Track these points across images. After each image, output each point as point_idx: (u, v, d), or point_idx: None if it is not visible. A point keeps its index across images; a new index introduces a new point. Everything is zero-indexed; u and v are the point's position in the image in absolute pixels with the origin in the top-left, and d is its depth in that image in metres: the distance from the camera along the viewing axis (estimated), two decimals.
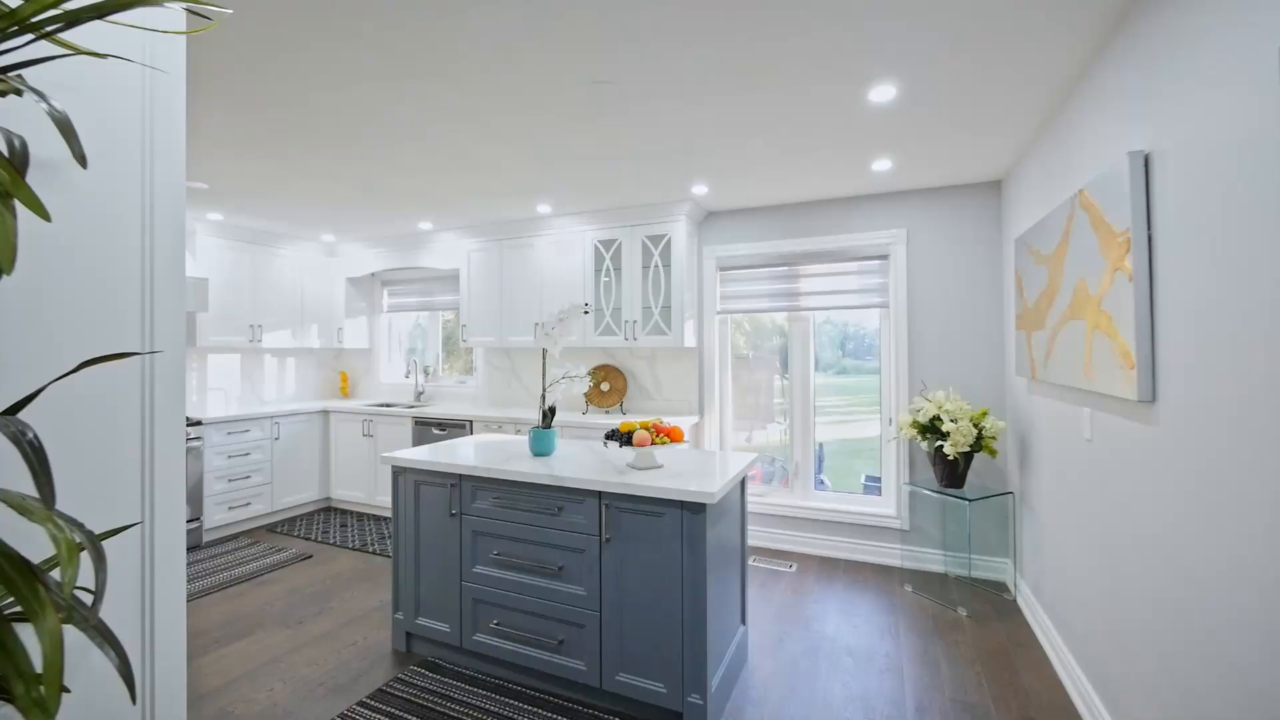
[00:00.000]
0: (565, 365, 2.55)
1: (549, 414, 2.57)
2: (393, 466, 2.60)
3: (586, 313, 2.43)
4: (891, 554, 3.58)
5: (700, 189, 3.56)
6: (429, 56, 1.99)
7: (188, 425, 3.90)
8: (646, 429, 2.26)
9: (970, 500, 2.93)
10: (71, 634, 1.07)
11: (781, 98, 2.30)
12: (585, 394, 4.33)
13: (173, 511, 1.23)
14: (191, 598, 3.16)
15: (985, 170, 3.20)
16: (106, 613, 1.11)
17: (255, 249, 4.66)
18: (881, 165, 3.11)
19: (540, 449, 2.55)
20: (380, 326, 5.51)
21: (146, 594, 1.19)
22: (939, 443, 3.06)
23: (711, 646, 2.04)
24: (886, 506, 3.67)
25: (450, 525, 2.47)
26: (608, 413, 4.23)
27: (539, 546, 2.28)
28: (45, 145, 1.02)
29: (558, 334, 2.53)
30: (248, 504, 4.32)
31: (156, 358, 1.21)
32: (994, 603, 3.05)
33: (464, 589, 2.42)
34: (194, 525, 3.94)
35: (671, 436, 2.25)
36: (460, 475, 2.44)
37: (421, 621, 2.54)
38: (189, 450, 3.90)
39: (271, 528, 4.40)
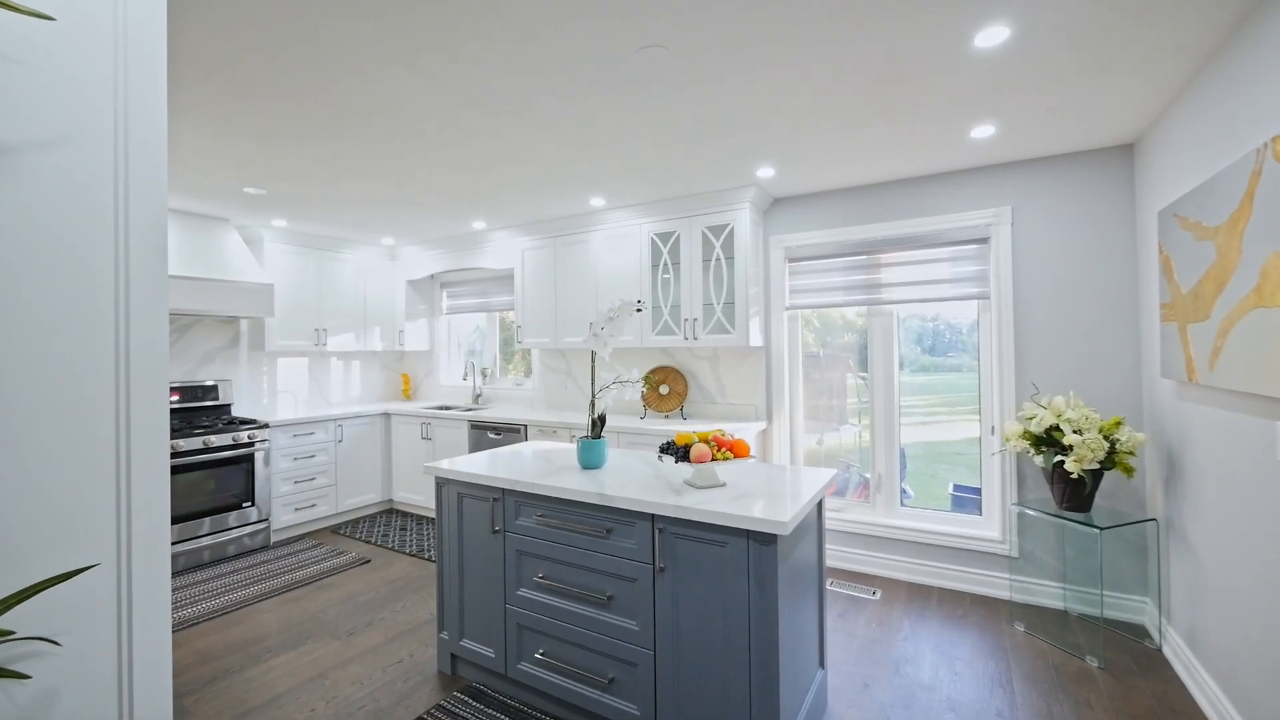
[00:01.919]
0: (616, 368, 2.30)
1: (598, 423, 2.33)
2: (436, 477, 2.45)
3: (639, 310, 2.17)
4: (996, 584, 3.09)
5: (766, 172, 3.21)
6: (458, 31, 1.79)
7: (255, 428, 3.98)
8: (706, 442, 1.97)
9: (1102, 529, 2.43)
10: (41, 683, 0.93)
11: (864, 54, 1.94)
12: (643, 397, 4.09)
13: (153, 546, 1.07)
14: (251, 601, 3.17)
15: (1114, 131, 2.67)
16: (67, 665, 0.95)
17: (319, 254, 4.74)
18: (983, 131, 2.65)
19: (589, 461, 2.32)
20: (440, 328, 5.51)
21: (123, 646, 1.03)
22: (1058, 457, 2.57)
23: (785, 698, 1.72)
24: (989, 528, 3.18)
25: (493, 543, 2.28)
26: (667, 417, 3.96)
27: (586, 572, 2.04)
28: None
29: (607, 334, 2.29)
30: (313, 505, 4.38)
31: (134, 368, 1.05)
32: (1132, 652, 2.53)
33: (508, 613, 2.23)
34: (262, 526, 4.02)
35: (735, 451, 1.95)
36: (503, 489, 2.24)
37: (466, 644, 2.37)
38: (257, 452, 3.98)
39: (336, 529, 4.45)
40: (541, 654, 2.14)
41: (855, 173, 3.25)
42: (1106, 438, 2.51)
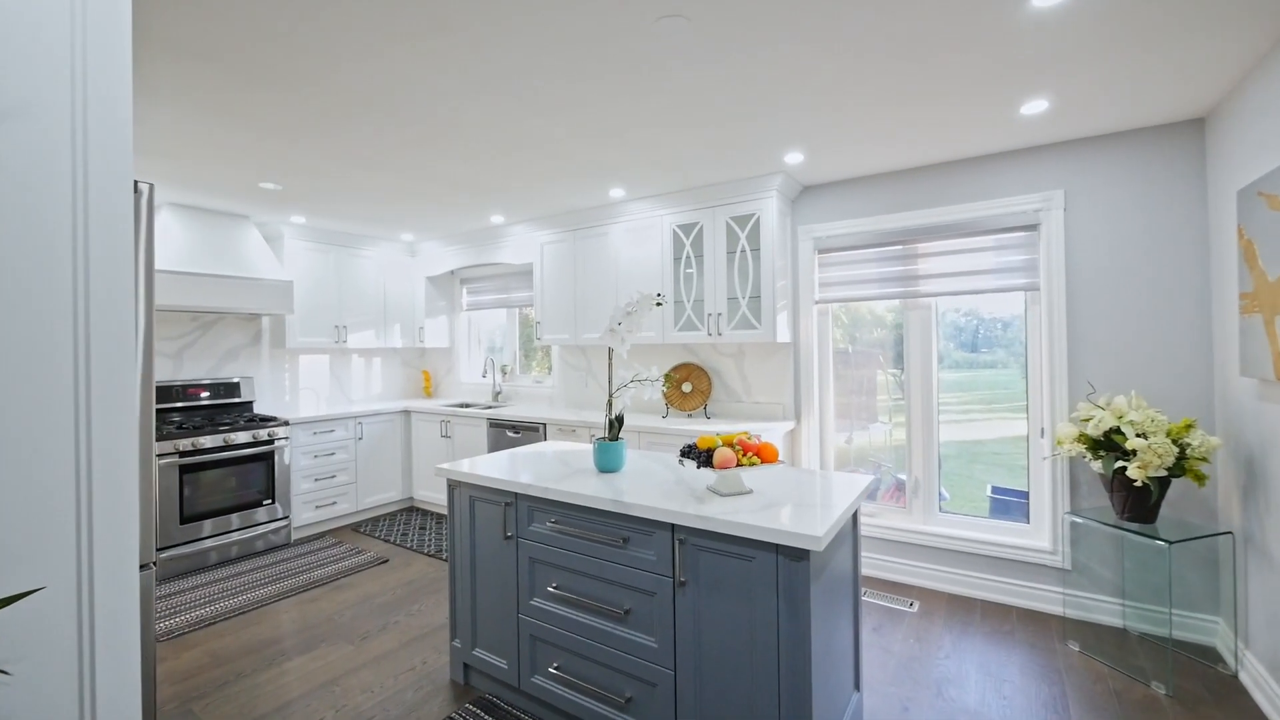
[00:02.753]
0: (635, 366, 2.16)
1: (616, 423, 2.20)
2: (447, 480, 2.36)
3: (660, 304, 2.03)
4: (1047, 598, 2.87)
5: (794, 157, 3.03)
6: (463, 9, 1.67)
7: (276, 426, 3.97)
8: (731, 446, 1.82)
9: (1171, 542, 2.20)
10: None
11: (905, 17, 1.76)
12: (664, 396, 3.94)
13: (119, 565, 0.98)
14: (269, 601, 3.14)
15: (1182, 104, 2.42)
16: (18, 696, 0.86)
17: (338, 250, 4.72)
18: (1034, 107, 2.43)
19: (606, 464, 2.19)
20: (460, 325, 5.45)
21: (85, 675, 0.93)
22: (1120, 463, 2.34)
23: None
24: (1037, 538, 2.95)
25: (505, 550, 2.17)
26: (690, 416, 3.81)
27: (602, 583, 1.91)
28: None
29: (625, 330, 2.15)
30: (333, 503, 4.36)
31: (95, 362, 0.95)
32: (1204, 678, 2.29)
33: (521, 623, 2.12)
34: (283, 524, 4.01)
35: (763, 456, 1.80)
36: (515, 494, 2.13)
37: (478, 654, 2.27)
38: (278, 449, 3.97)
39: (356, 527, 4.42)
40: (556, 668, 2.03)
41: (891, 156, 3.04)
42: (1175, 442, 2.28)
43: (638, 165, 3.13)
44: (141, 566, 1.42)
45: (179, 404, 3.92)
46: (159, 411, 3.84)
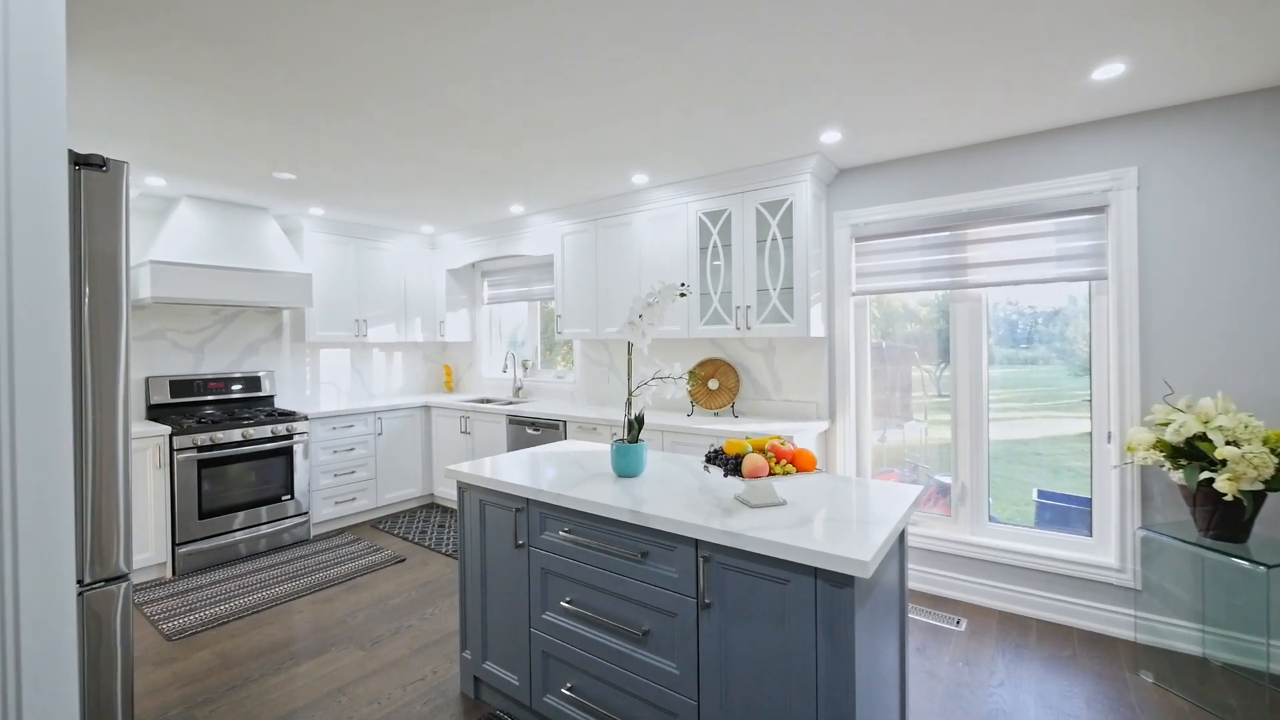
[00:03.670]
0: (657, 362, 1.99)
1: (635, 424, 2.03)
2: (458, 481, 2.22)
3: (684, 295, 1.85)
4: (1114, 620, 2.59)
5: (831, 136, 2.80)
6: None
7: (294, 421, 3.91)
8: (762, 452, 1.63)
9: (1270, 566, 1.92)
10: None
11: None
12: (689, 393, 3.76)
13: (49, 583, 0.85)
14: (283, 600, 3.07)
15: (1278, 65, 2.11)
16: None
17: (358, 243, 4.65)
18: (1108, 72, 2.16)
19: (624, 469, 2.02)
20: (481, 319, 5.35)
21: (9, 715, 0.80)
22: (1205, 474, 2.07)
23: None
24: (1102, 553, 2.67)
25: (516, 559, 2.02)
26: (716, 415, 3.62)
27: (619, 600, 1.75)
28: None
29: (646, 323, 1.97)
30: (353, 499, 4.31)
31: (18, 369, 0.82)
32: None
33: (533, 638, 1.97)
34: (302, 520, 3.96)
35: (798, 464, 1.60)
36: (527, 499, 1.98)
37: (489, 667, 2.13)
38: (296, 445, 3.92)
39: (376, 524, 4.37)
40: (569, 688, 1.87)
41: (940, 134, 2.78)
42: (1274, 451, 1.99)
43: (661, 148, 2.94)
44: (115, 579, 1.31)
45: (200, 398, 3.90)
46: (179, 406, 3.82)
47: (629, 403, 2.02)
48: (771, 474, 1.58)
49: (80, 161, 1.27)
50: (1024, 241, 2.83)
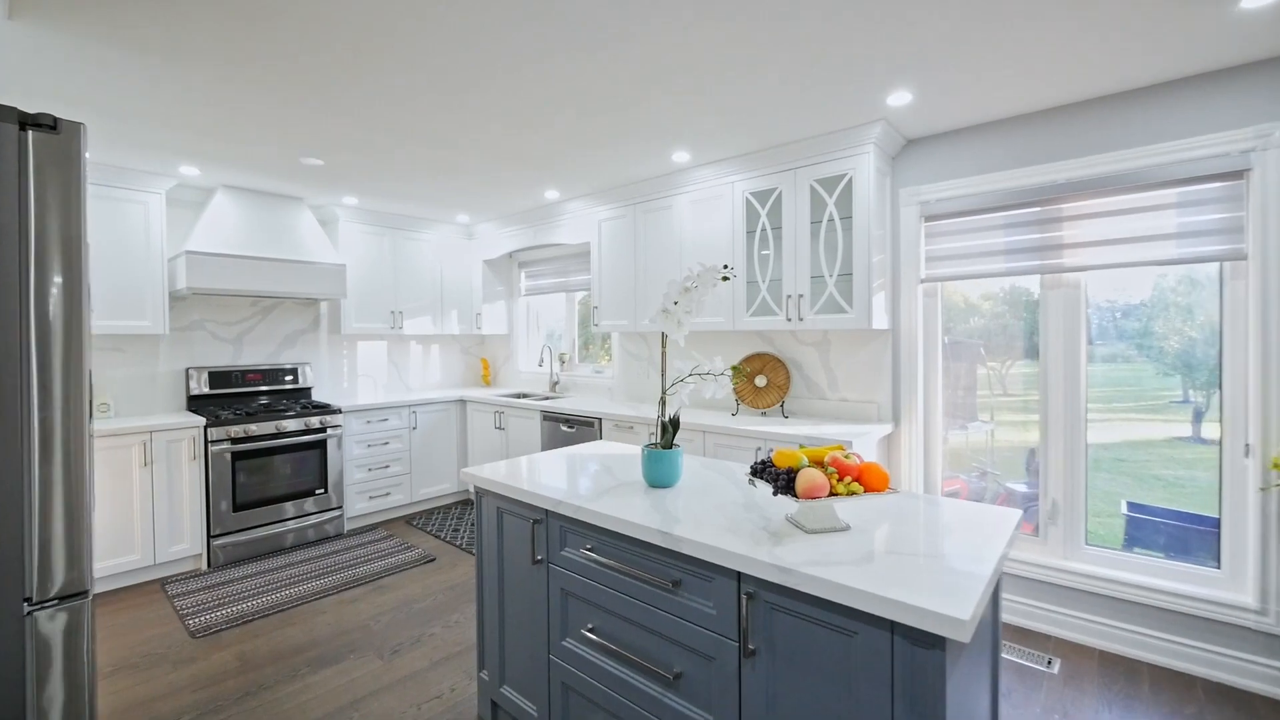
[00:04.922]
0: (695, 356, 1.72)
1: (670, 427, 1.76)
2: (474, 486, 2.02)
3: (727, 278, 1.57)
4: (1251, 672, 2.15)
5: (900, 98, 2.44)
6: None
7: (328, 414, 3.85)
8: (820, 465, 1.34)
9: None
10: None
11: None
12: (735, 390, 3.46)
13: None
14: (309, 599, 2.98)
15: None
16: None
17: (393, 233, 4.56)
18: (1256, 0, 1.73)
19: (656, 478, 1.76)
20: (519, 310, 5.20)
21: None
22: None
23: None
24: (1235, 589, 2.23)
25: (534, 576, 1.80)
26: (764, 414, 3.31)
27: (646, 633, 1.50)
28: None
29: (682, 310, 1.71)
30: (387, 494, 4.23)
31: None
32: None
33: (552, 666, 1.75)
34: (335, 514, 3.91)
35: (866, 481, 1.30)
36: (545, 510, 1.75)
37: (506, 692, 1.93)
38: (330, 438, 3.85)
39: (409, 519, 4.28)
40: None
41: (1030, 92, 2.38)
42: None
43: (703, 119, 2.65)
44: (71, 596, 1.16)
45: (239, 389, 3.89)
46: (218, 397, 3.82)
47: (662, 402, 1.76)
48: (833, 494, 1.28)
49: (27, 122, 1.11)
50: (1135, 216, 2.39)
